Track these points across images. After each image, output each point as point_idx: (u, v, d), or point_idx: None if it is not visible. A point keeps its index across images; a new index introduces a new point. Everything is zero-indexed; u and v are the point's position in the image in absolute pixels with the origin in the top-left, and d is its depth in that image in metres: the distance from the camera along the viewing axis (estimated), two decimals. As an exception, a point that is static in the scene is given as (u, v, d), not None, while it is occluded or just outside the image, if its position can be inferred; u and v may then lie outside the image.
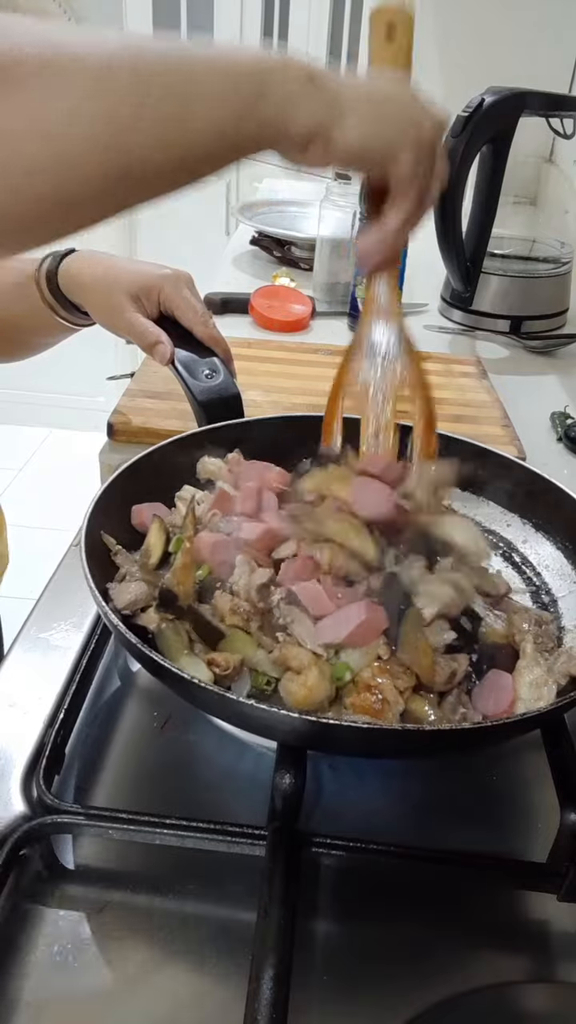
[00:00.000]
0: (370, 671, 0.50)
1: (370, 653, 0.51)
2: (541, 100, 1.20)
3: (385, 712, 0.49)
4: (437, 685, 0.51)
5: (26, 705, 0.59)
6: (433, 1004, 0.43)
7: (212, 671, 0.51)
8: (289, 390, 1.03)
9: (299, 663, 0.50)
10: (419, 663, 0.51)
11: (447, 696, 0.52)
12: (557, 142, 1.82)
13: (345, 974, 0.45)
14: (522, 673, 0.53)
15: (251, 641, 0.53)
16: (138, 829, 0.48)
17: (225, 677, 0.51)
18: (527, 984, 0.46)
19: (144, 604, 0.56)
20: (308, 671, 0.50)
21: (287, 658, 0.51)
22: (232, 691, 0.50)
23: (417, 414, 0.63)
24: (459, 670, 0.52)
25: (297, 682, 0.50)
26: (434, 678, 0.51)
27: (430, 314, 1.39)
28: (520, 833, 0.54)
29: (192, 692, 0.47)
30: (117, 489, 0.62)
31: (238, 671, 0.52)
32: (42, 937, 0.45)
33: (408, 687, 0.50)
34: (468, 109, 1.16)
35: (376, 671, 0.50)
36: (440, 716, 0.50)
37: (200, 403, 0.76)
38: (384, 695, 0.49)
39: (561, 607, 0.64)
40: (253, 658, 0.52)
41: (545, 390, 1.16)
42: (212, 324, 0.82)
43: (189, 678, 0.46)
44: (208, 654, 0.52)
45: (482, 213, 1.26)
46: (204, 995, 0.43)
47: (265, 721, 0.46)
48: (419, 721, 0.50)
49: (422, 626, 0.53)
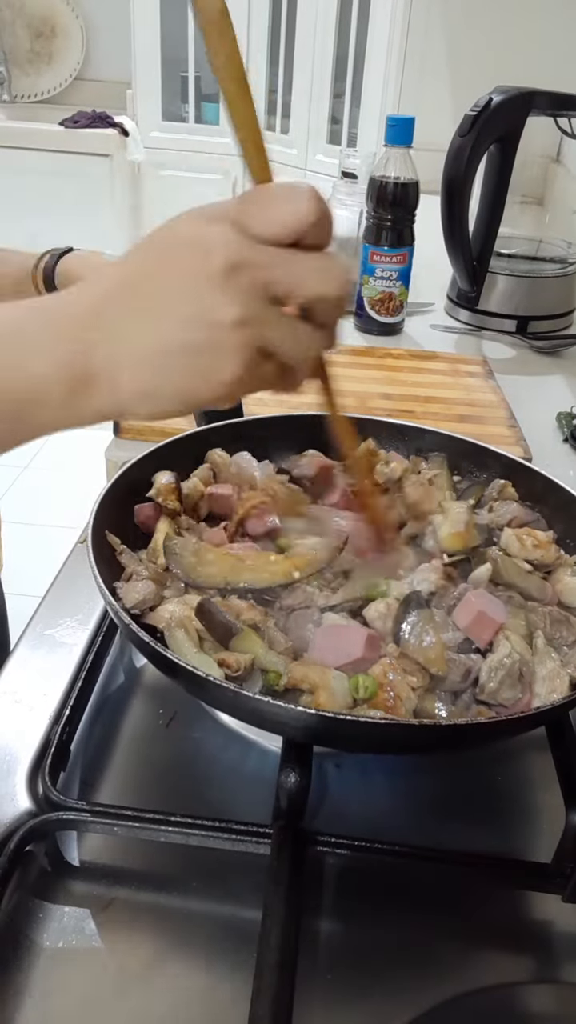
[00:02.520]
0: (382, 668, 0.50)
1: (379, 667, 0.51)
2: (549, 100, 1.20)
3: (398, 708, 0.49)
4: (451, 683, 0.52)
5: (32, 701, 0.59)
6: (437, 1004, 0.43)
7: (223, 671, 0.51)
8: (295, 389, 1.03)
9: (311, 684, 0.50)
10: (429, 657, 0.51)
11: (461, 695, 0.52)
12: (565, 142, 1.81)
13: (349, 973, 0.45)
14: (535, 667, 0.53)
15: (263, 641, 0.53)
16: (143, 826, 0.48)
17: (236, 678, 0.51)
18: (531, 985, 0.46)
19: (152, 603, 0.56)
20: (320, 691, 0.49)
21: (296, 681, 0.50)
22: (245, 688, 0.50)
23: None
24: (474, 668, 0.52)
25: (311, 701, 0.50)
26: (446, 671, 0.51)
27: (436, 313, 1.39)
28: (525, 833, 0.54)
29: (206, 689, 0.47)
30: (122, 486, 0.62)
31: (249, 671, 0.52)
32: (47, 933, 0.45)
33: (422, 685, 0.51)
34: (476, 108, 1.16)
35: (388, 668, 0.50)
36: (453, 713, 0.51)
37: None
38: (396, 692, 0.49)
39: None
40: (264, 658, 0.52)
41: (551, 390, 1.16)
42: None
43: (204, 675, 0.46)
44: (219, 653, 0.52)
45: (489, 213, 1.26)
46: (208, 992, 0.44)
47: (279, 717, 0.46)
48: (431, 718, 0.50)
49: (433, 622, 0.53)
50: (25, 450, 3.11)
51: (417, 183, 1.19)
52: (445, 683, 0.52)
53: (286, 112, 2.68)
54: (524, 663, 0.52)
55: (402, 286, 1.25)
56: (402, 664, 0.51)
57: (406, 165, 1.18)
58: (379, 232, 1.22)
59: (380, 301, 1.25)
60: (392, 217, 1.20)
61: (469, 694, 0.52)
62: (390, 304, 1.25)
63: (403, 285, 1.25)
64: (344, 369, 1.13)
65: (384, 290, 1.24)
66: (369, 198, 1.21)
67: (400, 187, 1.18)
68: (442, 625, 0.54)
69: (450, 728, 0.48)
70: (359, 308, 1.28)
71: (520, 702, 0.51)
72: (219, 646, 0.53)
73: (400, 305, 1.26)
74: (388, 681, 0.50)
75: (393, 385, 1.09)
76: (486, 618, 0.54)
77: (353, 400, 1.02)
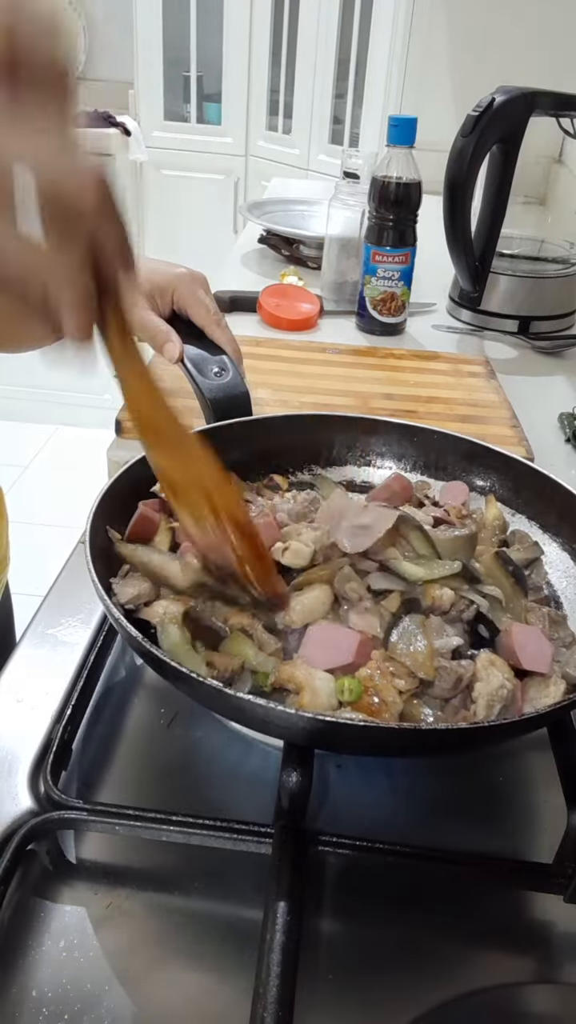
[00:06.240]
0: (368, 671, 0.50)
1: (368, 668, 0.51)
2: (551, 100, 1.20)
3: (382, 712, 0.48)
4: (442, 690, 0.51)
5: (34, 701, 0.59)
6: (438, 1004, 0.43)
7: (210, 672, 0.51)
8: (297, 389, 1.03)
9: (297, 684, 0.50)
10: (417, 661, 0.51)
11: (451, 700, 0.52)
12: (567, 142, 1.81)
13: (351, 973, 0.45)
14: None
15: (252, 643, 0.53)
16: (144, 826, 0.48)
17: (224, 680, 0.51)
18: (533, 985, 0.46)
19: (147, 599, 0.56)
20: (305, 691, 0.49)
21: (283, 681, 0.50)
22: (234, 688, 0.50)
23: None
24: (465, 676, 0.51)
25: (295, 701, 0.50)
26: (435, 677, 0.51)
27: (438, 314, 1.39)
28: (526, 834, 0.54)
29: (192, 687, 0.47)
30: (123, 485, 0.62)
31: (237, 674, 0.52)
32: (48, 932, 0.45)
33: (409, 689, 0.50)
34: (478, 108, 1.16)
35: (375, 671, 0.50)
36: (440, 719, 0.50)
37: (209, 400, 0.76)
38: (382, 696, 0.49)
39: (566, 609, 0.63)
40: (254, 660, 0.52)
41: (553, 391, 1.16)
42: (225, 325, 0.82)
43: (189, 673, 0.46)
44: (209, 654, 0.52)
45: (491, 213, 1.25)
46: (210, 992, 0.44)
47: (263, 717, 0.46)
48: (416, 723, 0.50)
49: (424, 627, 0.53)
50: (27, 450, 3.12)
51: (419, 183, 1.19)
52: (435, 689, 0.51)
53: (288, 112, 2.68)
54: (517, 686, 0.52)
55: (404, 286, 1.25)
56: (389, 667, 0.50)
57: (408, 165, 1.18)
58: (381, 232, 1.22)
59: (382, 301, 1.25)
60: (394, 217, 1.20)
61: (459, 700, 0.51)
62: (392, 304, 1.25)
63: (405, 285, 1.25)
64: (346, 369, 1.13)
65: (386, 290, 1.24)
66: (371, 198, 1.21)
67: (402, 187, 1.18)
68: (438, 631, 0.54)
69: (436, 732, 0.47)
70: (361, 308, 1.28)
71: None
72: (210, 648, 0.53)
73: (402, 305, 1.26)
74: (373, 684, 0.49)
75: (395, 385, 1.09)
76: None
77: (355, 400, 1.02)
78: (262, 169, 2.81)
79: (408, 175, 1.18)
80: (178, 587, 0.56)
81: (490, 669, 0.51)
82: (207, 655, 0.52)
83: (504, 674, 0.51)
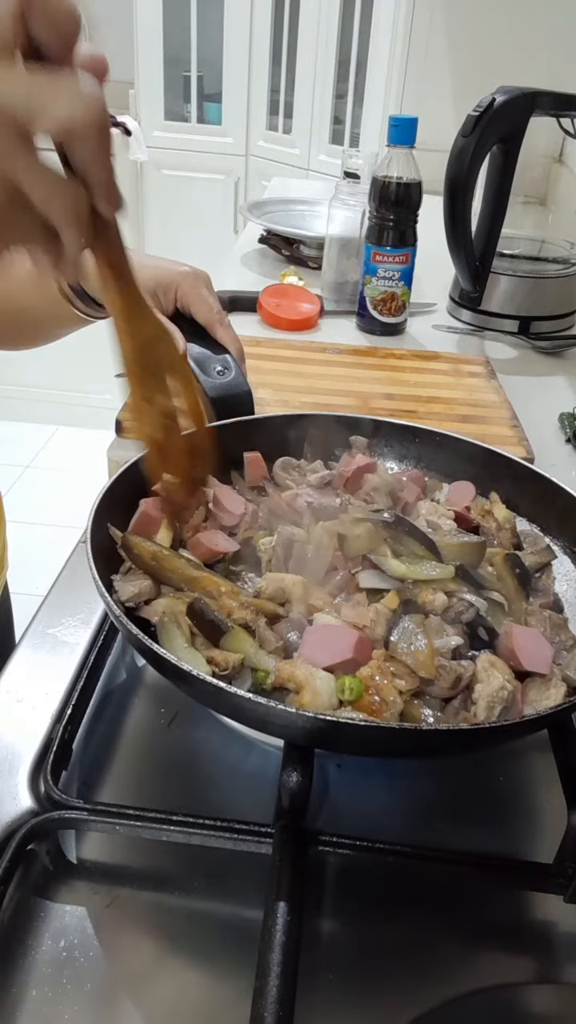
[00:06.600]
0: (369, 670, 0.50)
1: (369, 667, 0.51)
2: (552, 100, 1.20)
3: (382, 711, 0.48)
4: (441, 689, 0.51)
5: (34, 700, 0.59)
6: (438, 1004, 0.43)
7: (211, 669, 0.51)
8: (297, 389, 1.03)
9: (297, 683, 0.50)
10: (418, 660, 0.51)
11: (451, 701, 0.52)
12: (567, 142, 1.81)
13: (351, 972, 0.45)
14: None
15: (253, 640, 0.53)
16: (145, 825, 0.48)
17: (224, 676, 0.51)
18: (533, 985, 0.46)
19: (148, 597, 0.56)
20: (306, 690, 0.49)
21: (283, 680, 0.50)
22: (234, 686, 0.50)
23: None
24: (465, 676, 0.51)
25: (296, 700, 0.49)
26: (436, 676, 0.51)
27: (439, 314, 1.39)
28: (527, 834, 0.54)
29: (192, 685, 0.47)
30: (124, 484, 0.62)
31: (238, 670, 0.52)
32: (48, 932, 0.45)
33: (410, 689, 0.50)
34: (479, 109, 1.16)
35: (376, 670, 0.50)
36: (440, 719, 0.50)
37: (211, 399, 0.76)
38: (382, 695, 0.49)
39: (567, 613, 0.63)
40: (255, 657, 0.52)
41: (554, 391, 1.16)
42: (228, 324, 0.82)
43: (188, 670, 0.46)
44: (210, 651, 0.52)
45: (492, 213, 1.25)
46: (210, 992, 0.44)
47: (263, 716, 0.46)
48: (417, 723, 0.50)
49: (423, 626, 0.53)
50: (28, 450, 3.12)
51: (420, 183, 1.19)
52: (434, 688, 0.51)
53: (288, 112, 2.68)
54: (517, 688, 0.52)
55: (404, 286, 1.25)
56: (390, 667, 0.50)
57: (409, 165, 1.18)
58: (381, 232, 1.22)
59: (382, 301, 1.25)
60: (395, 217, 1.20)
61: (460, 701, 0.51)
62: (392, 304, 1.25)
63: (405, 285, 1.25)
64: (346, 369, 1.13)
65: (386, 290, 1.24)
66: (372, 198, 1.21)
67: (403, 187, 1.18)
68: (438, 631, 0.54)
69: (437, 733, 0.48)
70: (362, 308, 1.28)
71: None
72: (211, 644, 0.53)
73: (402, 305, 1.26)
74: (374, 683, 0.49)
75: (395, 385, 1.09)
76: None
77: (356, 400, 1.02)
78: (262, 169, 2.81)
79: (408, 175, 1.18)
80: (188, 574, 0.57)
81: (490, 670, 0.51)
82: (207, 652, 0.52)
83: (504, 675, 0.51)
